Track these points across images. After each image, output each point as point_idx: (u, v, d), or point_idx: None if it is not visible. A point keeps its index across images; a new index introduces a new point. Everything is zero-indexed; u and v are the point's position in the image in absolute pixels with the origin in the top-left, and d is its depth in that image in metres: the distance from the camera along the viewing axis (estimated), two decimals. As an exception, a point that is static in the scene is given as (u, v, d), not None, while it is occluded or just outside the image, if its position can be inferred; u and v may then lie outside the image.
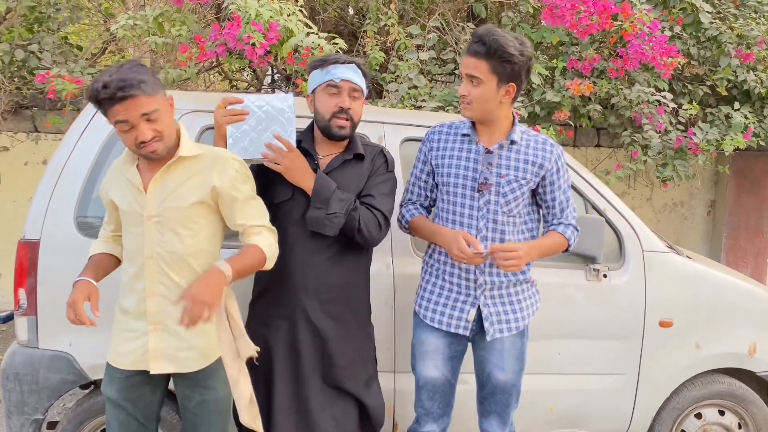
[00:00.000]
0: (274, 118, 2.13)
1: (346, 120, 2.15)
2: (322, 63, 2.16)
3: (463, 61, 2.10)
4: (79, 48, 5.41)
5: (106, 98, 1.76)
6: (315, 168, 2.17)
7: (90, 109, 2.58)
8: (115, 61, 6.05)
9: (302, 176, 2.10)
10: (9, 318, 2.87)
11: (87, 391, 2.68)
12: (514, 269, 2.05)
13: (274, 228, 2.01)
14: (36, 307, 2.44)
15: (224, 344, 1.90)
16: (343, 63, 2.15)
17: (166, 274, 1.92)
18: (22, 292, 2.44)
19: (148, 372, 1.96)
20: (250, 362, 2.07)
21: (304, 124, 2.35)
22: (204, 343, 1.95)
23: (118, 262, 2.07)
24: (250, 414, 1.94)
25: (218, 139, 2.14)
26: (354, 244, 2.18)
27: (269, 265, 1.95)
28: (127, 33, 3.68)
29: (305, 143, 2.22)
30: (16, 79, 4.75)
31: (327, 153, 2.23)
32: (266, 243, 1.93)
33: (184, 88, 4.09)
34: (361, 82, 2.18)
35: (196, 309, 1.71)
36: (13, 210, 5.08)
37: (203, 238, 1.96)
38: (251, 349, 1.93)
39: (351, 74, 2.15)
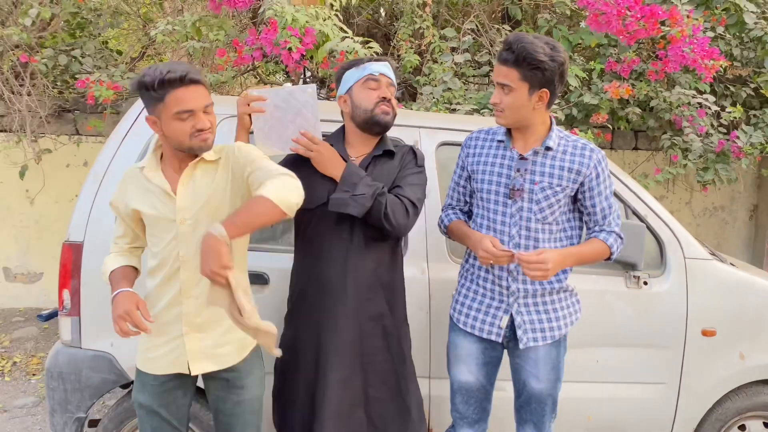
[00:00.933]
0: (299, 111, 2.15)
1: (388, 107, 2.17)
2: (357, 62, 2.20)
3: (495, 70, 2.08)
4: (119, 52, 5.53)
5: (174, 79, 1.76)
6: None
7: (132, 113, 2.63)
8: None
9: (332, 164, 2.12)
10: (51, 316, 2.95)
11: (127, 390, 2.73)
12: (541, 278, 2.00)
13: (291, 173, 1.83)
14: (79, 308, 2.50)
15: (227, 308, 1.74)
16: (377, 60, 2.21)
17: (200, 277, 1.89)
18: (66, 294, 2.50)
19: (181, 375, 1.97)
20: (283, 368, 2.09)
21: (332, 128, 2.36)
22: (239, 336, 1.95)
23: (137, 272, 2.07)
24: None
25: (241, 130, 2.17)
26: (388, 242, 2.20)
27: (286, 208, 1.73)
28: (165, 38, 3.74)
29: (336, 146, 2.22)
30: (59, 83, 4.88)
31: (359, 154, 2.24)
32: (271, 188, 1.72)
33: (220, 92, 4.14)
34: (394, 79, 2.22)
35: (213, 279, 1.63)
36: (56, 211, 5.22)
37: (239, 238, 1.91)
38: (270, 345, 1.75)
39: (386, 70, 2.19)
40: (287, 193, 1.73)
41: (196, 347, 1.95)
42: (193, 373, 1.96)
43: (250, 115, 2.16)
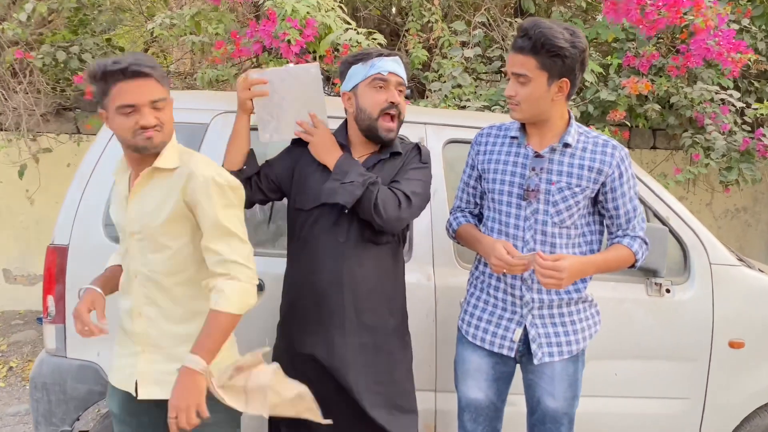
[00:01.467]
0: (302, 92, 2.00)
1: (394, 119, 2.01)
2: (365, 56, 2.01)
3: (509, 59, 1.91)
4: (122, 49, 5.42)
5: (116, 71, 1.60)
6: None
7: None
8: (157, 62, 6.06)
9: (327, 151, 2.00)
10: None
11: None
12: (553, 287, 1.82)
13: (245, 258, 1.70)
14: (64, 314, 2.38)
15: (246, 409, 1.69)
16: (387, 56, 2.01)
17: (149, 296, 1.75)
18: (50, 300, 2.38)
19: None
20: None
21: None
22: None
23: None
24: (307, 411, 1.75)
25: (242, 115, 2.04)
26: (388, 246, 2.05)
27: (246, 311, 1.69)
28: (164, 32, 3.62)
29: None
30: (60, 81, 4.78)
31: (360, 154, 2.08)
32: (231, 296, 1.64)
33: (222, 90, 4.01)
34: (405, 76, 2.04)
35: (183, 417, 1.58)
36: (56, 212, 5.08)
37: (182, 259, 1.74)
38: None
39: (397, 67, 2.01)
40: (246, 298, 1.68)
41: (147, 369, 1.77)
42: (139, 397, 1.76)
43: (251, 100, 2.02)
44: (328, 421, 1.74)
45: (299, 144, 2.10)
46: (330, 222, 2.01)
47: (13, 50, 4.09)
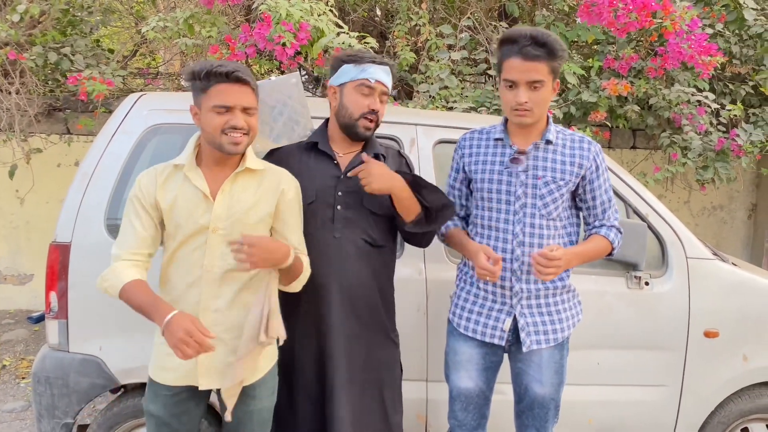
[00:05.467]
0: (285, 102, 2.11)
1: (371, 122, 2.10)
2: (358, 59, 2.10)
3: (517, 67, 1.96)
4: (111, 51, 5.45)
5: (221, 73, 1.77)
6: (335, 165, 2.14)
7: (121, 111, 2.57)
8: (146, 64, 6.09)
9: (391, 176, 2.03)
10: (41, 318, 2.89)
11: (117, 395, 2.67)
12: (554, 276, 1.95)
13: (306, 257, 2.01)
14: (67, 310, 2.43)
15: (252, 320, 1.83)
16: (379, 64, 2.10)
17: (223, 289, 1.87)
18: (53, 296, 2.44)
19: (195, 387, 1.90)
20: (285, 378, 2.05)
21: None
22: (254, 355, 1.90)
23: None
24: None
25: None
26: (385, 247, 2.16)
27: (299, 283, 1.96)
28: (157, 35, 3.67)
29: (321, 144, 2.16)
30: (49, 82, 4.81)
31: (345, 152, 2.17)
32: (307, 263, 1.97)
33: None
34: (390, 86, 2.16)
35: (252, 252, 1.71)
36: (46, 212, 5.14)
37: None
38: (281, 331, 1.86)
39: (385, 77, 2.11)
40: (307, 275, 1.99)
41: (208, 362, 1.87)
42: (201, 388, 1.89)
43: None
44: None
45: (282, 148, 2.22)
46: (323, 218, 2.09)
47: (6, 50, 4.11)
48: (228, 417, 1.87)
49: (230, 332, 1.88)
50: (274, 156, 2.19)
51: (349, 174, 2.07)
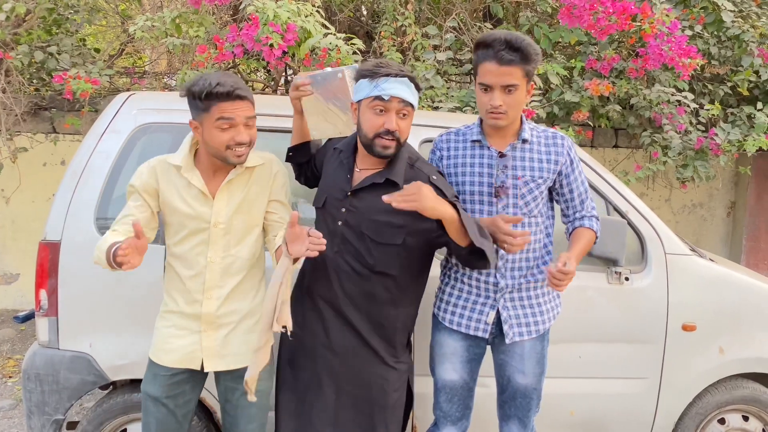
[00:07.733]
0: (334, 94, 2.10)
1: (391, 140, 1.95)
2: (372, 73, 1.93)
3: (492, 71, 1.99)
4: (97, 50, 5.44)
5: (222, 93, 1.85)
6: (348, 179, 2.06)
7: (110, 110, 2.59)
8: (132, 63, 6.08)
9: (441, 202, 1.88)
10: (28, 317, 2.90)
11: (106, 391, 2.69)
12: (564, 288, 2.00)
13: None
14: (57, 308, 2.46)
15: (267, 309, 1.87)
16: (395, 76, 1.91)
17: (225, 279, 1.99)
18: (43, 293, 2.46)
19: (192, 370, 2.02)
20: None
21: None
22: (255, 338, 1.99)
23: None
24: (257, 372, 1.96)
25: (295, 115, 2.19)
26: (382, 274, 2.05)
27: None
28: (144, 35, 3.69)
29: (344, 154, 2.10)
30: (35, 81, 4.79)
31: (365, 167, 2.06)
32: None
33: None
34: (412, 97, 1.95)
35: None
36: (33, 211, 5.12)
37: (260, 244, 2.08)
38: (288, 320, 1.90)
39: (402, 89, 1.92)
40: None
41: (211, 345, 2.01)
42: (205, 370, 2.02)
43: (299, 100, 2.13)
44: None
45: (334, 141, 2.21)
46: (326, 229, 2.04)
47: (-7, 50, 4.10)
48: (252, 398, 1.94)
49: (230, 316, 2.02)
50: (328, 146, 2.22)
51: (384, 199, 1.83)
